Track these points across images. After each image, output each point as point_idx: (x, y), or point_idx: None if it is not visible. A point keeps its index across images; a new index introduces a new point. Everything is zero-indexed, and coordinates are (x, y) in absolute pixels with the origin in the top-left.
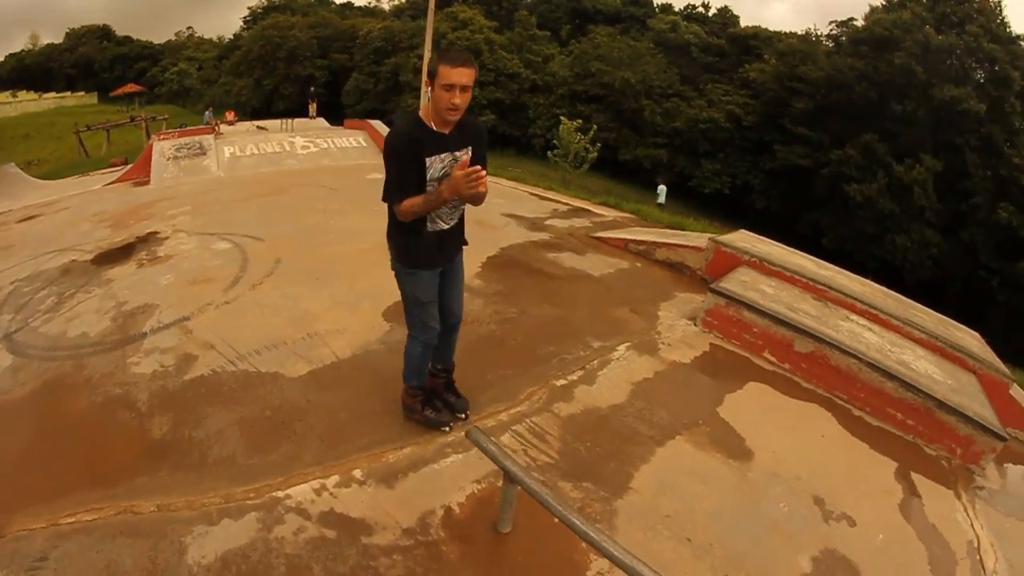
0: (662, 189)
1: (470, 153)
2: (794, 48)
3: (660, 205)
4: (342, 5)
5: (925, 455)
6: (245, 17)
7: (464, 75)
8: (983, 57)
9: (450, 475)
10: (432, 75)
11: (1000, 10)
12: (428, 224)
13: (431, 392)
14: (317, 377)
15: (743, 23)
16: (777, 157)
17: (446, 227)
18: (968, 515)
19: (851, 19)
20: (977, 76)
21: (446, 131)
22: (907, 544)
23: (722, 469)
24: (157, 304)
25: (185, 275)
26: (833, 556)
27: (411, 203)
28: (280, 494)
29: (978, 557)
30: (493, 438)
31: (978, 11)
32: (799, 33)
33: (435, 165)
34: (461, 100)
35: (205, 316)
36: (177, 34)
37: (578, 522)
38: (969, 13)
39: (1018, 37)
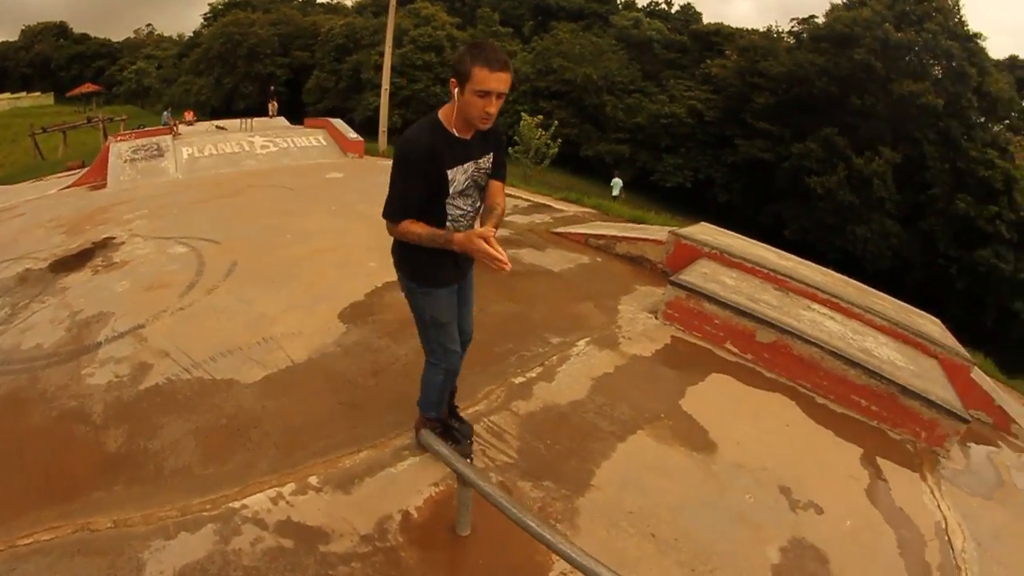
0: (616, 182)
1: (491, 159)
2: (756, 44)
3: (615, 198)
4: (304, 2)
5: (890, 440)
6: (206, 14)
7: (504, 81)
8: (941, 54)
9: (407, 478)
10: (462, 76)
11: (958, 9)
12: None
13: (447, 423)
14: (272, 382)
15: (705, 20)
16: (739, 151)
17: None
18: (935, 497)
19: (812, 16)
20: (935, 72)
21: (468, 136)
22: (876, 529)
23: (686, 462)
24: (112, 312)
25: (140, 281)
26: (801, 545)
27: (413, 229)
28: (236, 504)
29: (946, 538)
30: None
31: (936, 9)
32: (761, 30)
33: (458, 177)
34: (496, 108)
35: (160, 323)
36: (136, 31)
37: (533, 524)
38: (928, 11)
39: (975, 35)
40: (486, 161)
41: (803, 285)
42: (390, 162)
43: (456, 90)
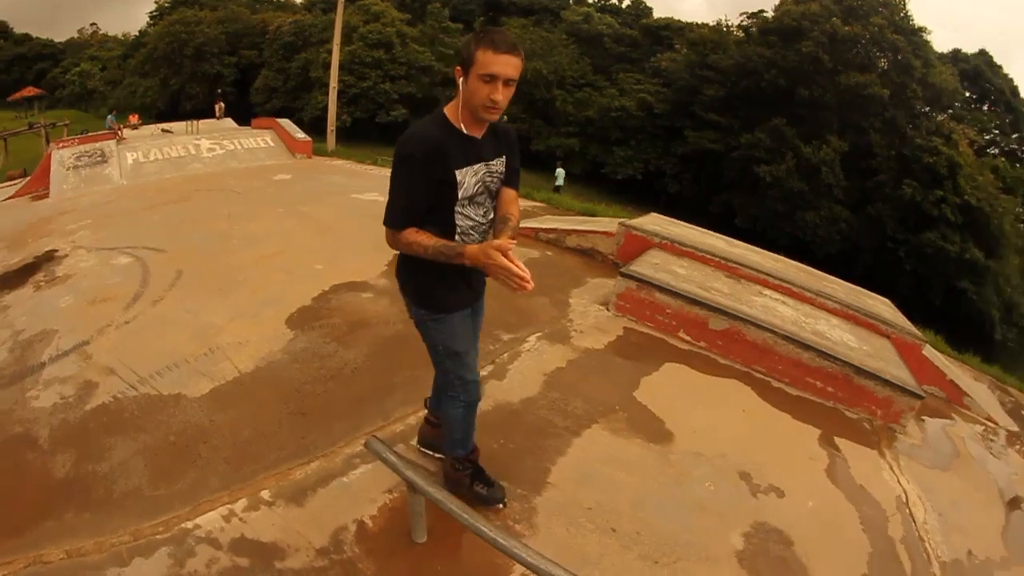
0: (560, 172)
1: (504, 163)
2: (705, 38)
3: (558, 188)
4: None
5: (847, 419)
6: (152, 12)
7: (511, 65)
8: (887, 47)
9: (360, 487)
10: (467, 62)
11: (903, 4)
12: None
13: (478, 465)
14: (220, 395)
15: (656, 15)
16: (689, 142)
17: None
18: (894, 472)
19: (762, 11)
20: (881, 64)
21: (478, 135)
22: (837, 507)
23: (643, 454)
24: (56, 329)
25: (84, 295)
26: (765, 529)
27: (418, 239)
28: (189, 525)
29: (908, 511)
30: (397, 447)
31: (883, 4)
32: (711, 24)
33: (468, 180)
34: (503, 96)
35: (105, 339)
36: (80, 31)
37: (485, 528)
38: (874, 6)
39: (920, 29)
40: (498, 164)
41: (754, 271)
42: (338, 162)
43: (461, 79)
